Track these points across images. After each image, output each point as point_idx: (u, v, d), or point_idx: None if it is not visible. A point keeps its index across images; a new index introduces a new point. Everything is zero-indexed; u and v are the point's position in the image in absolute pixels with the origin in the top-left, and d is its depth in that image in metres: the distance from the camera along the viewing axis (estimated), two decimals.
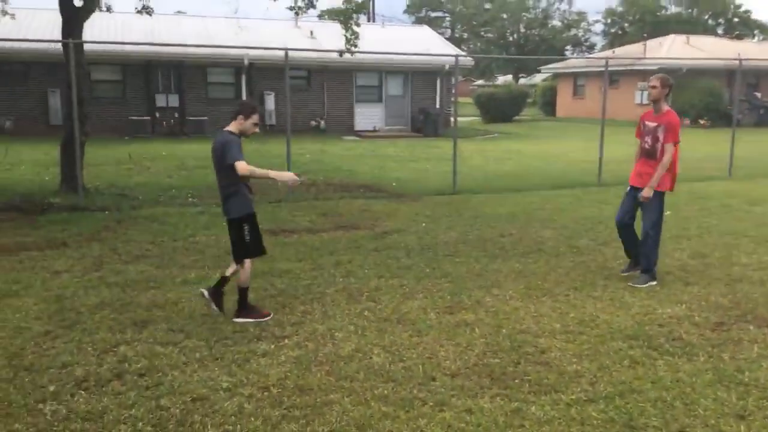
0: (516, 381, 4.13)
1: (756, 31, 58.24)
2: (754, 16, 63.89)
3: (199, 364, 4.39)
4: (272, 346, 4.69)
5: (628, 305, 5.60)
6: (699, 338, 4.82)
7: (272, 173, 5.22)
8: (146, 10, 11.97)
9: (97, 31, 21.53)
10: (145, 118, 21.58)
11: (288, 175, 5.28)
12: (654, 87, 6.08)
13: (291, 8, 12.76)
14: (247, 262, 5.29)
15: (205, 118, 22.23)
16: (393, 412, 3.73)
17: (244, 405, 3.83)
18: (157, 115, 21.95)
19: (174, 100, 22.05)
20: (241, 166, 4.97)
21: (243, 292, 5.30)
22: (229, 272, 5.43)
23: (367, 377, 4.18)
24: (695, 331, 4.97)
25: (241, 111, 5.18)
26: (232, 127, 5.18)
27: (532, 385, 4.07)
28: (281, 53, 11.08)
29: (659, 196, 6.22)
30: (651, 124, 6.16)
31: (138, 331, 4.99)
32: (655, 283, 6.18)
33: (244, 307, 5.31)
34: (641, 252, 6.30)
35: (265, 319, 5.25)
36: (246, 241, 5.25)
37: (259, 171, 5.14)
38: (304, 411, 3.76)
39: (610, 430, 3.55)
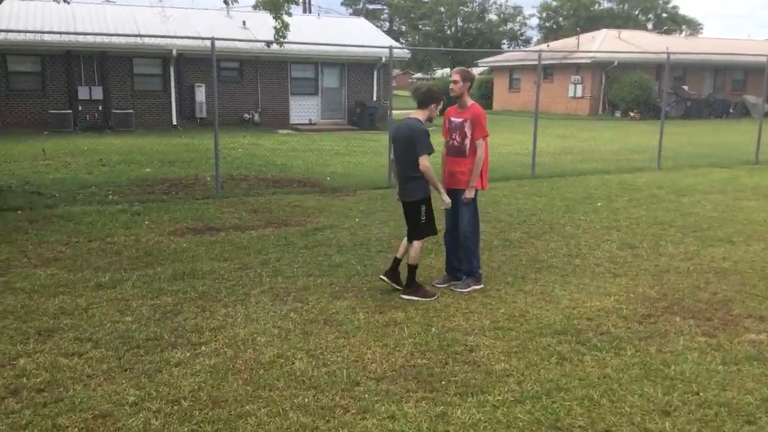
0: (443, 382, 3.97)
1: (683, 26, 60.51)
2: (682, 11, 66.44)
3: (105, 377, 4.06)
4: (187, 354, 4.40)
5: (557, 299, 5.54)
6: (626, 331, 4.79)
7: (441, 188, 5.63)
8: None
9: (14, 19, 20.44)
10: (66, 111, 20.49)
11: (447, 199, 5.69)
12: (455, 82, 5.76)
13: None
14: (418, 241, 5.64)
15: (131, 111, 21.33)
16: (312, 423, 3.51)
17: (150, 421, 3.53)
18: (80, 108, 20.89)
19: (97, 93, 21.00)
20: (424, 164, 5.40)
21: (412, 269, 5.60)
22: (400, 253, 5.75)
23: (287, 385, 3.95)
24: (623, 324, 4.94)
25: (433, 99, 5.59)
26: (421, 115, 5.57)
27: (458, 386, 3.92)
28: (210, 43, 10.59)
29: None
30: (457, 120, 5.80)
31: (42, 341, 4.60)
32: (480, 287, 5.84)
33: (412, 285, 5.60)
34: (463, 255, 5.91)
35: (432, 299, 5.52)
36: (421, 222, 5.60)
37: (434, 179, 5.54)
38: (216, 425, 3.49)
39: None
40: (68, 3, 11.50)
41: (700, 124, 27.21)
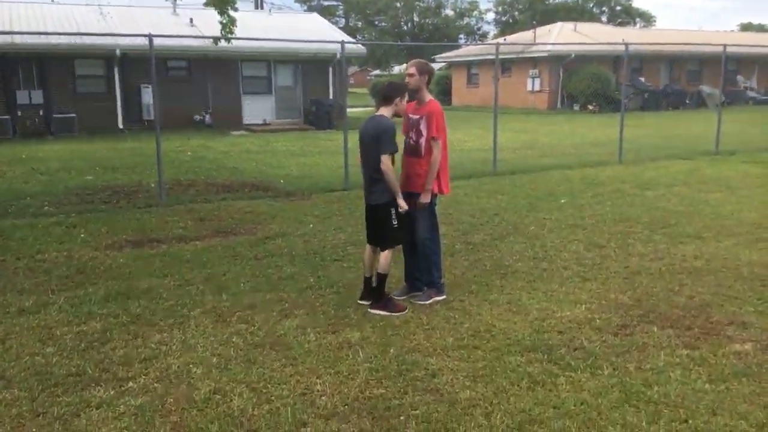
0: (401, 418, 3.50)
1: (637, 19, 61.32)
2: (635, 4, 67.45)
3: (13, 425, 3.49)
4: (112, 393, 3.84)
5: (526, 309, 5.13)
6: (602, 346, 4.38)
7: (399, 195, 5.07)
8: None
9: None
10: (4, 117, 19.39)
11: (402, 203, 5.08)
12: (411, 75, 5.27)
13: None
14: (389, 250, 5.18)
15: (74, 115, 20.29)
16: None
17: None
18: (19, 113, 19.76)
19: (38, 97, 19.90)
20: (386, 163, 4.94)
21: (382, 279, 5.16)
22: (368, 271, 5.32)
23: (222, 429, 3.43)
24: (597, 337, 4.53)
25: (397, 92, 5.15)
26: (387, 111, 5.11)
27: (419, 422, 3.45)
28: (157, 42, 9.90)
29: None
30: (414, 117, 5.30)
31: None
32: (442, 297, 5.39)
33: (380, 298, 5.16)
34: (422, 264, 5.43)
35: (400, 314, 5.06)
36: (393, 227, 5.12)
37: (392, 181, 5.02)
38: None
39: None
40: None
41: (658, 116, 27.38)
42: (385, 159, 4.96)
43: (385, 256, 5.19)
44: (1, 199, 9.99)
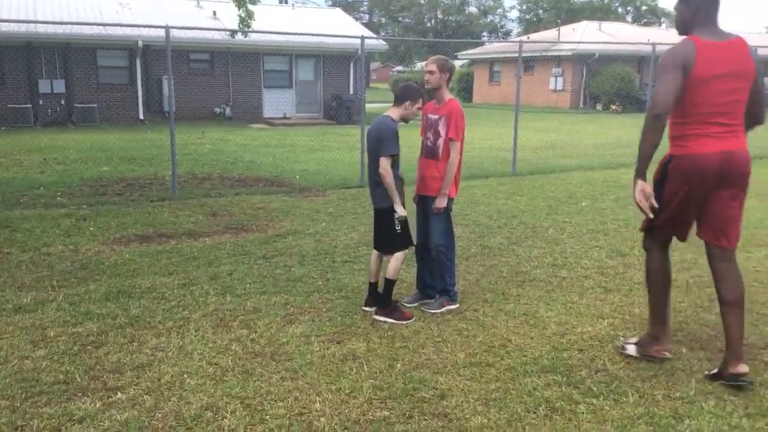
0: None
1: (663, 19, 60.25)
2: (661, 4, 66.22)
3: None
4: (98, 404, 3.60)
5: (543, 323, 4.82)
6: (626, 368, 4.05)
7: (397, 201, 4.84)
8: None
9: None
10: (26, 105, 19.45)
11: (400, 210, 4.86)
12: (431, 72, 4.97)
13: None
14: (399, 253, 4.94)
15: (95, 105, 20.32)
16: None
17: None
18: (41, 102, 19.84)
19: (60, 86, 19.95)
20: (383, 166, 4.72)
21: (389, 285, 4.92)
22: (373, 277, 5.10)
23: None
24: (620, 357, 4.20)
25: (409, 96, 4.87)
26: (395, 113, 4.89)
27: None
28: (179, 34, 9.74)
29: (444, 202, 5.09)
30: (433, 117, 5.03)
31: None
32: (455, 306, 5.11)
33: (386, 304, 4.92)
34: (435, 271, 5.17)
35: (408, 321, 4.85)
36: (396, 232, 4.89)
37: (391, 186, 4.77)
38: None
39: None
40: None
41: None
42: (383, 161, 4.71)
43: (393, 260, 4.93)
44: (14, 189, 9.88)
